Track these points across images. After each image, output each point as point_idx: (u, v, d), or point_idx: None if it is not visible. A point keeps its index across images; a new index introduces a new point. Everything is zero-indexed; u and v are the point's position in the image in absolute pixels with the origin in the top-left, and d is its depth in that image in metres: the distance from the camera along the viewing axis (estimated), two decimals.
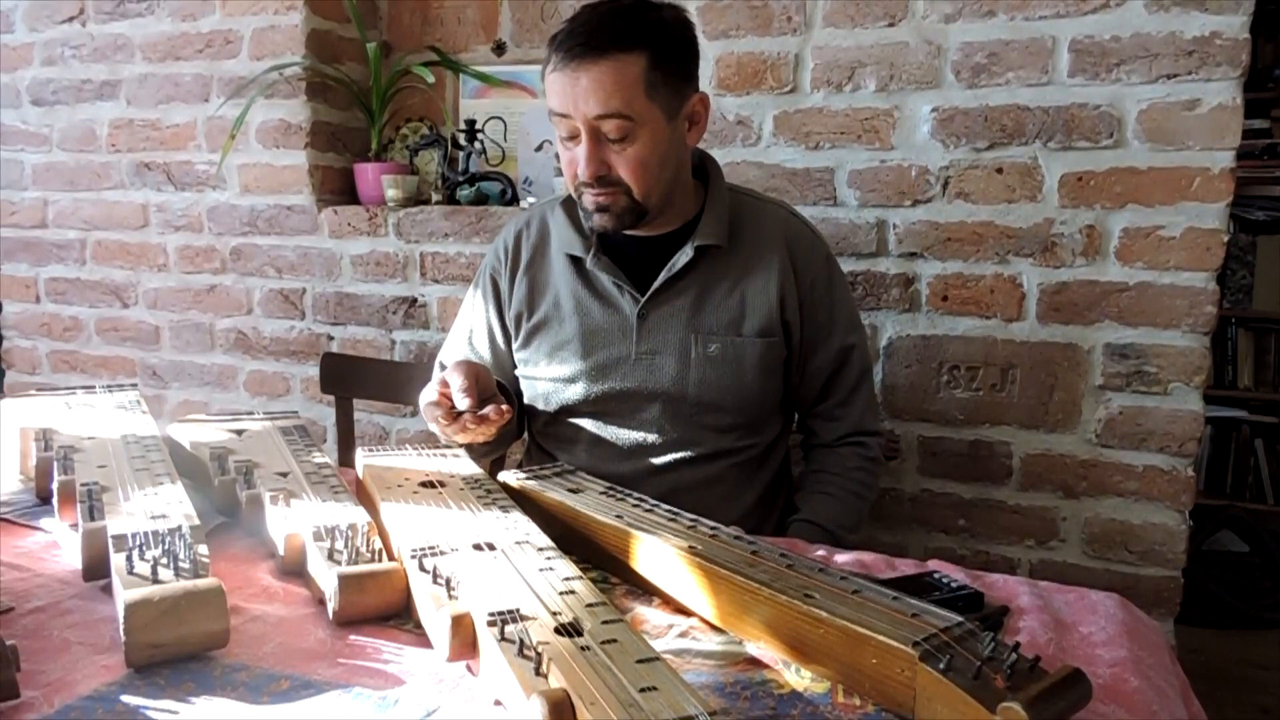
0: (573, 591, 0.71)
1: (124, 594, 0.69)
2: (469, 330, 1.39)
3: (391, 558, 0.83)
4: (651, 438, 1.26)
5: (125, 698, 0.66)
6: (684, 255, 1.23)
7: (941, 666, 0.61)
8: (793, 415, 1.39)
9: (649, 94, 1.13)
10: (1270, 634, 2.52)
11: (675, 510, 0.93)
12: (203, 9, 2.14)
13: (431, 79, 1.95)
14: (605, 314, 1.26)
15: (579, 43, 1.11)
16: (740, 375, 1.24)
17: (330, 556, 0.80)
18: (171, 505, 0.87)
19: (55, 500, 0.96)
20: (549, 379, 1.29)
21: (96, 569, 0.83)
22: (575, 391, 1.27)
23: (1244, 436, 2.93)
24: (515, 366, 1.35)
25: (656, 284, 1.24)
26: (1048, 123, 1.55)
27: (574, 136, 1.16)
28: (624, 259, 1.26)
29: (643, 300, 1.24)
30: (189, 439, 1.13)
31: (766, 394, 1.28)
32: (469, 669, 0.71)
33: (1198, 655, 2.34)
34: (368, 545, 0.82)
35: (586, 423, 1.29)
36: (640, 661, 0.60)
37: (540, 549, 0.81)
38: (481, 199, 1.99)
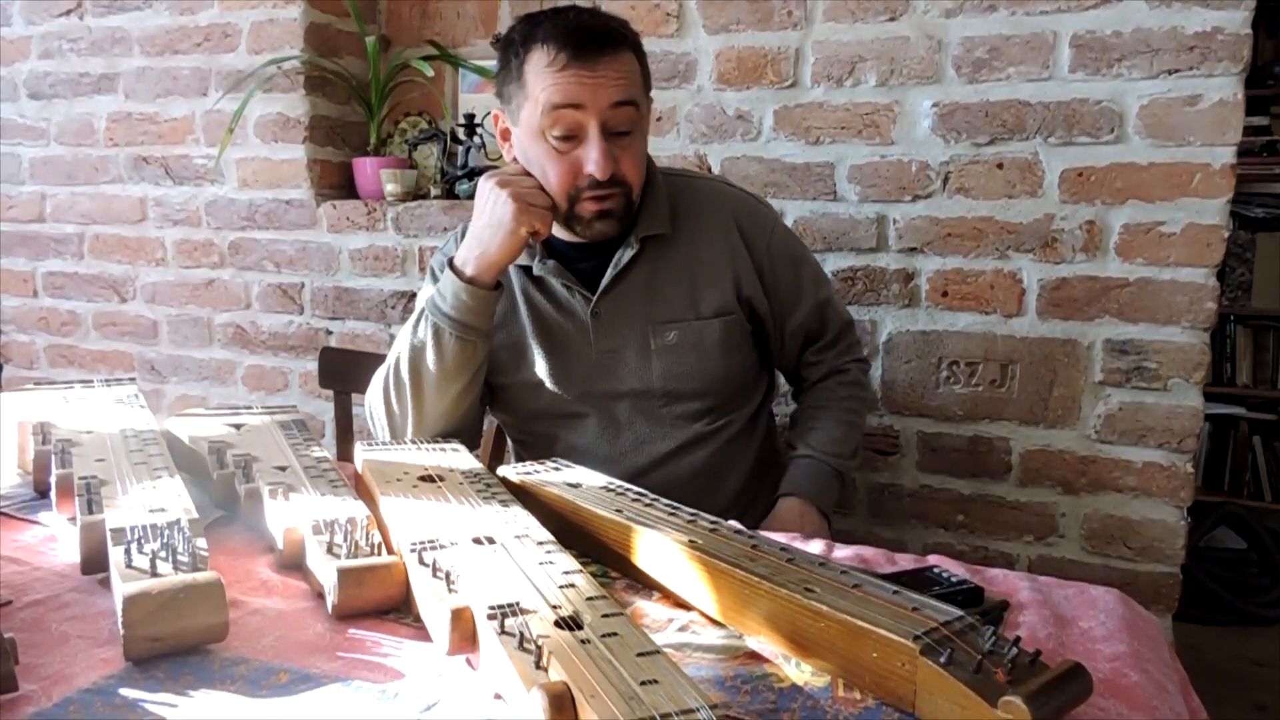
0: (573, 585, 0.71)
1: (122, 587, 0.69)
2: None
3: (391, 551, 0.83)
4: (624, 440, 1.26)
5: (124, 691, 0.66)
6: (629, 249, 1.21)
7: (942, 660, 0.61)
8: (766, 387, 1.37)
9: (644, 88, 1.18)
10: (1267, 631, 2.52)
11: (675, 505, 0.93)
12: (201, 3, 2.13)
13: (430, 73, 1.94)
14: (561, 318, 1.25)
15: (589, 38, 1.10)
16: (702, 359, 1.24)
17: (329, 550, 0.80)
18: (170, 499, 0.87)
19: (53, 494, 0.96)
20: (517, 384, 1.28)
21: (95, 562, 0.83)
22: (544, 399, 1.27)
23: (1242, 433, 2.94)
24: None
25: (605, 281, 1.22)
26: (1048, 118, 1.55)
27: (572, 137, 1.13)
28: (571, 263, 1.24)
29: (594, 299, 1.23)
30: (187, 433, 1.13)
31: (732, 372, 1.27)
32: (469, 662, 0.70)
33: (1195, 652, 2.34)
34: (367, 539, 0.82)
35: (559, 429, 1.29)
36: (641, 655, 0.60)
37: (540, 543, 0.80)
38: None
